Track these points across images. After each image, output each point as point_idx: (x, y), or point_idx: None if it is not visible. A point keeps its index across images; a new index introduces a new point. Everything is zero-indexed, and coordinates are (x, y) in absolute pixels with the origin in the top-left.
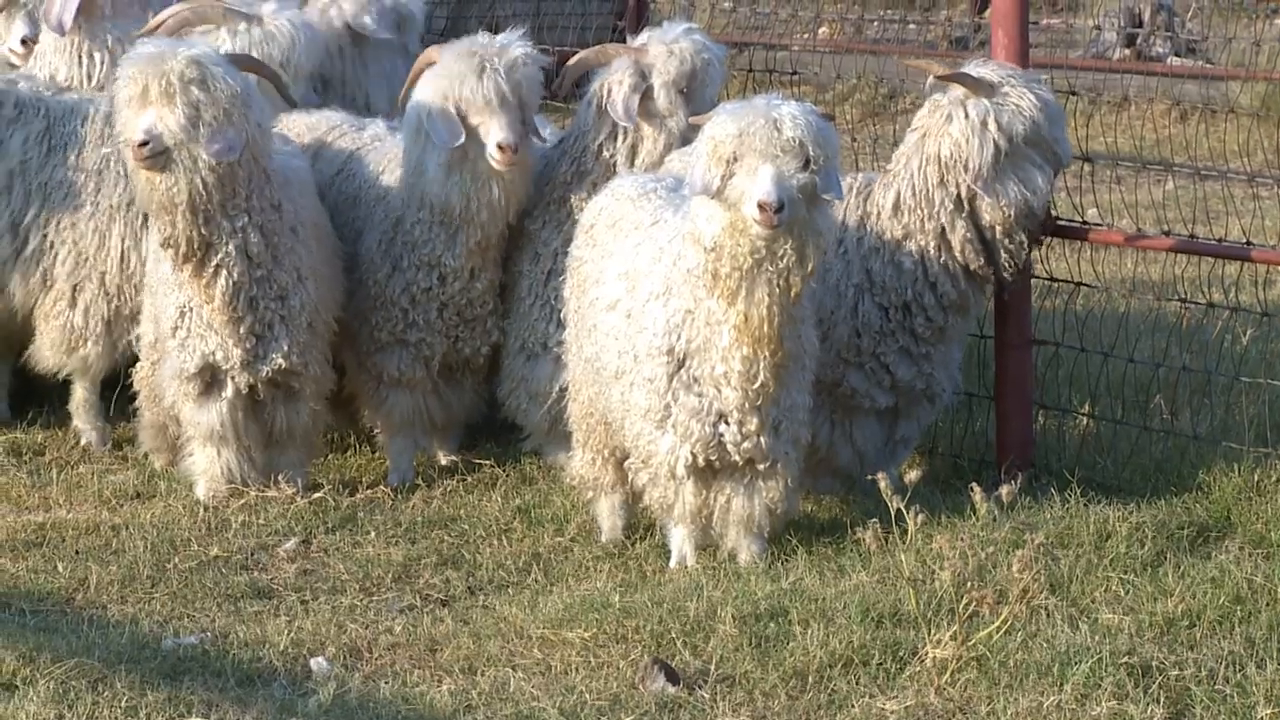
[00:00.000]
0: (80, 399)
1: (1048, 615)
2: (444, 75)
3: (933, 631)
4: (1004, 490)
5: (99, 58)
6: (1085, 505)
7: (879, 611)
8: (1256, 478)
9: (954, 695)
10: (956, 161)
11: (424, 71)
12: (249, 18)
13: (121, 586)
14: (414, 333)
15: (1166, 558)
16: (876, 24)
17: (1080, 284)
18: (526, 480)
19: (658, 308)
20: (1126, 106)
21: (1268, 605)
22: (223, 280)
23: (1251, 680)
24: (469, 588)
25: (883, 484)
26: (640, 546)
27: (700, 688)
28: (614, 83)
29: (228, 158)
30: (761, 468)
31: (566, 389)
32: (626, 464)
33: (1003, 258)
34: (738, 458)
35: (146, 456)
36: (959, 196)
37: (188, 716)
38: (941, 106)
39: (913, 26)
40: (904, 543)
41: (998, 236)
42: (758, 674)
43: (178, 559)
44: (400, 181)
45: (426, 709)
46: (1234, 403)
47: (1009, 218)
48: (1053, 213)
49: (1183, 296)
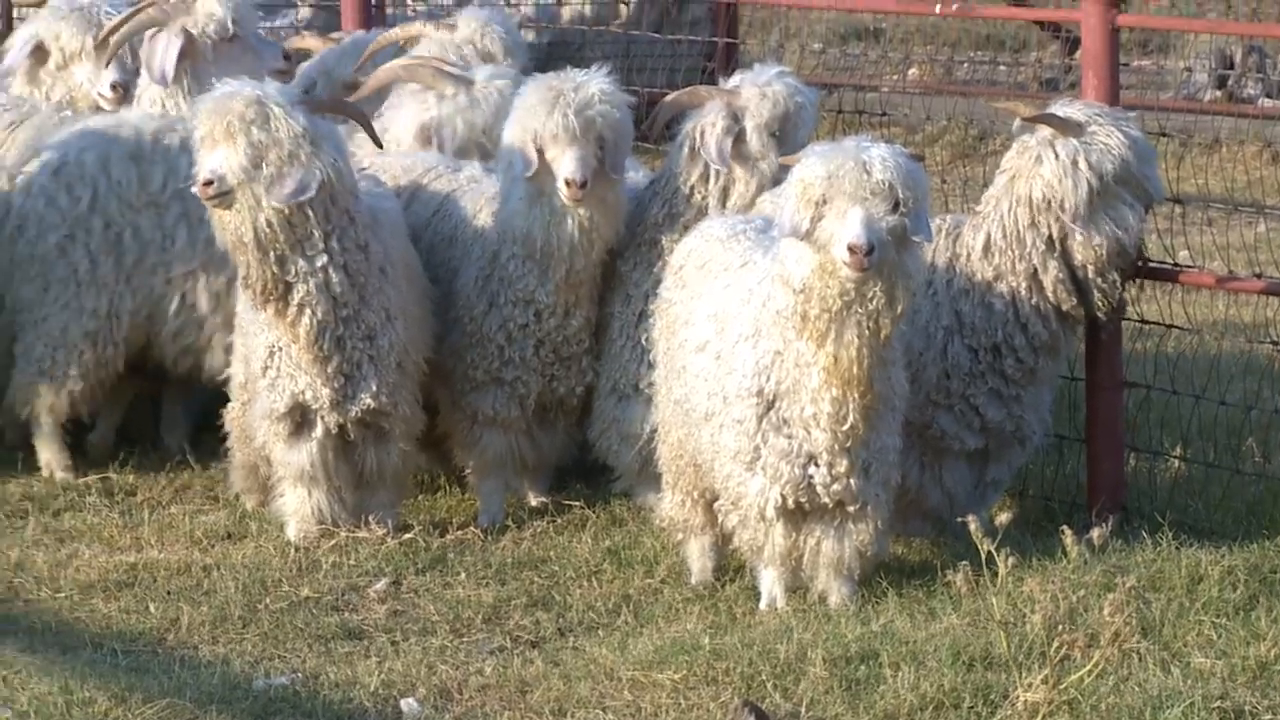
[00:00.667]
0: None
1: (1139, 659)
2: (524, 108)
3: (1024, 675)
4: (1095, 533)
5: None
6: (1177, 548)
7: (970, 655)
8: None
9: None
10: (1050, 202)
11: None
12: (460, 81)
13: (213, 627)
14: (510, 371)
15: (1259, 601)
16: (966, 65)
17: (1172, 326)
18: (617, 522)
19: (747, 349)
20: (1218, 148)
21: None
22: (306, 319)
23: None
24: (559, 629)
25: (973, 526)
26: (730, 588)
27: None
28: (707, 125)
29: (299, 198)
30: (851, 510)
31: (657, 430)
32: (716, 506)
33: (1096, 297)
34: (827, 500)
35: (238, 497)
36: (1050, 237)
37: None
38: (1030, 148)
39: (1003, 68)
40: (995, 586)
41: (1090, 275)
42: (848, 717)
43: (269, 599)
44: (495, 218)
45: None
46: None
47: (1101, 256)
48: (1144, 254)
49: (1275, 339)
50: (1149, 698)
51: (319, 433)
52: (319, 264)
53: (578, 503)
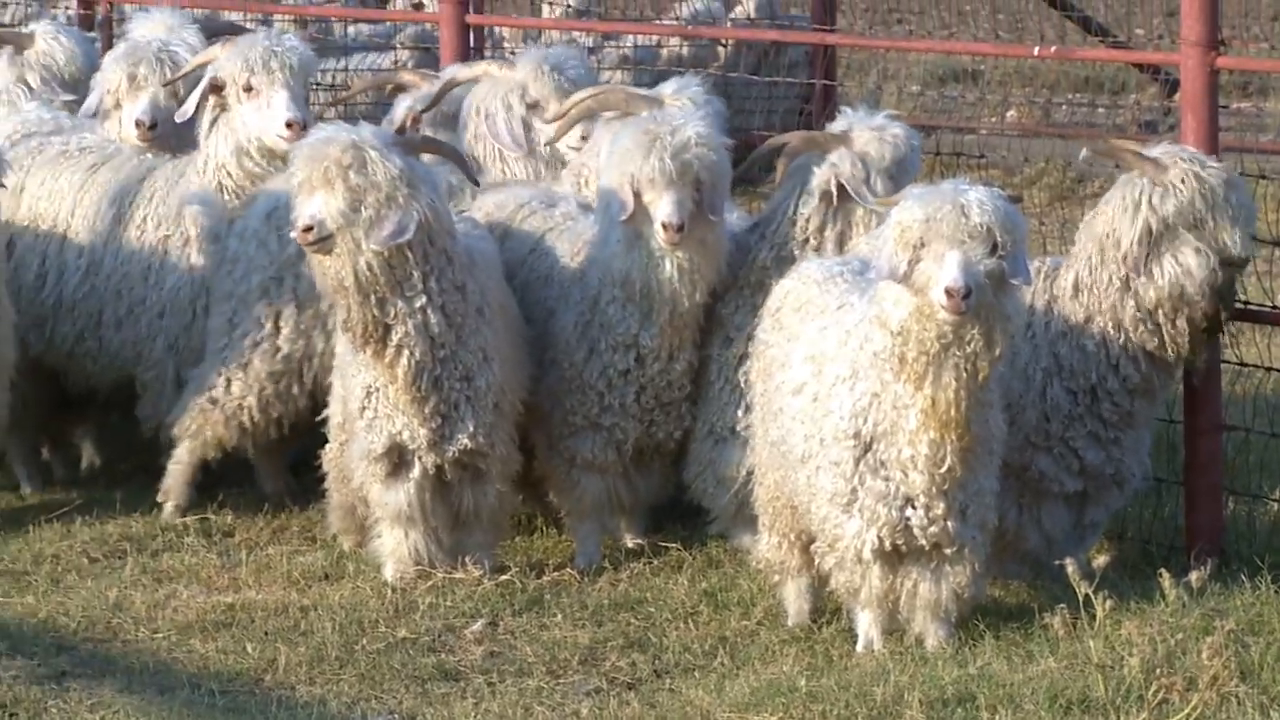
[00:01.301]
0: None
1: (1238, 703)
2: (621, 151)
3: (1122, 718)
4: (1194, 576)
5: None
6: (1276, 592)
7: (1067, 698)
8: None
9: None
10: (1111, 240)
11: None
12: (652, 101)
13: (310, 667)
14: (609, 417)
15: None
16: (1065, 107)
17: (1271, 369)
18: (713, 563)
19: (844, 391)
20: None
21: None
22: (405, 360)
23: None
24: (655, 671)
25: (1071, 569)
26: (827, 630)
27: None
28: (844, 171)
29: (398, 240)
30: (948, 552)
31: (752, 472)
32: (813, 548)
33: (1166, 341)
34: (924, 542)
35: (335, 538)
36: (1126, 276)
37: None
38: (1116, 186)
39: (1101, 110)
40: (1092, 628)
41: (1161, 319)
42: None
43: (366, 640)
44: (594, 260)
45: None
46: None
47: (1163, 299)
48: (1237, 297)
49: None
50: None
51: (416, 473)
52: (418, 305)
53: (674, 544)
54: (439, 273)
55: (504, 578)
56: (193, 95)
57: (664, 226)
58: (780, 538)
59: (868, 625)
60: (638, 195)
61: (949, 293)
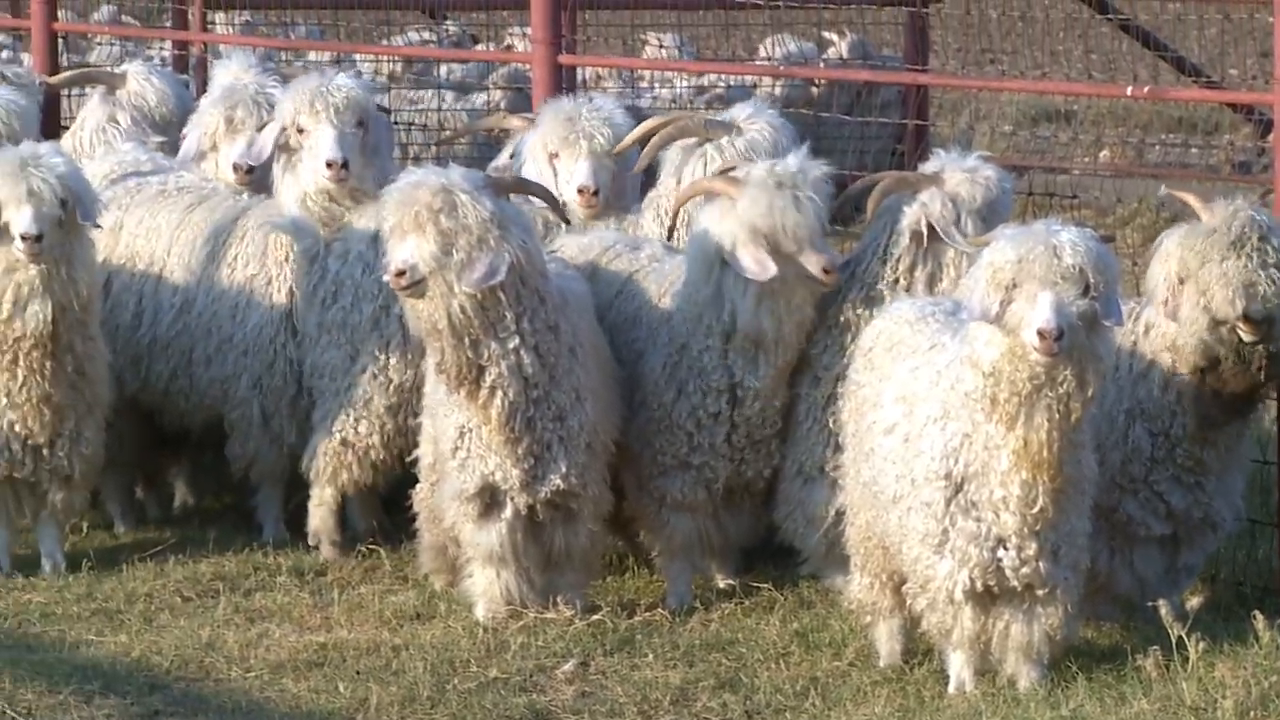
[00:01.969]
0: None
1: None
2: (752, 207)
3: None
4: None
5: None
6: None
7: None
8: None
9: None
10: (1164, 280)
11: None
12: (728, 127)
13: (401, 707)
14: (698, 456)
15: None
16: (1158, 148)
17: None
18: (805, 604)
19: (935, 431)
20: None
21: None
22: (498, 401)
23: None
24: (747, 712)
25: (1164, 611)
26: (919, 671)
27: None
28: (934, 211)
29: (490, 282)
30: (1040, 593)
31: (843, 512)
32: (904, 589)
33: (1212, 382)
34: (1016, 583)
35: (427, 577)
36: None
37: None
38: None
39: (1195, 151)
40: (1186, 671)
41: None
42: None
43: (457, 680)
44: (685, 306)
45: None
46: None
47: (1184, 344)
48: None
49: None
50: None
51: (508, 514)
52: (511, 346)
53: (766, 584)
54: (532, 313)
55: (595, 618)
56: (266, 138)
57: (826, 271)
58: (872, 578)
59: (960, 666)
60: (775, 248)
61: (1041, 334)
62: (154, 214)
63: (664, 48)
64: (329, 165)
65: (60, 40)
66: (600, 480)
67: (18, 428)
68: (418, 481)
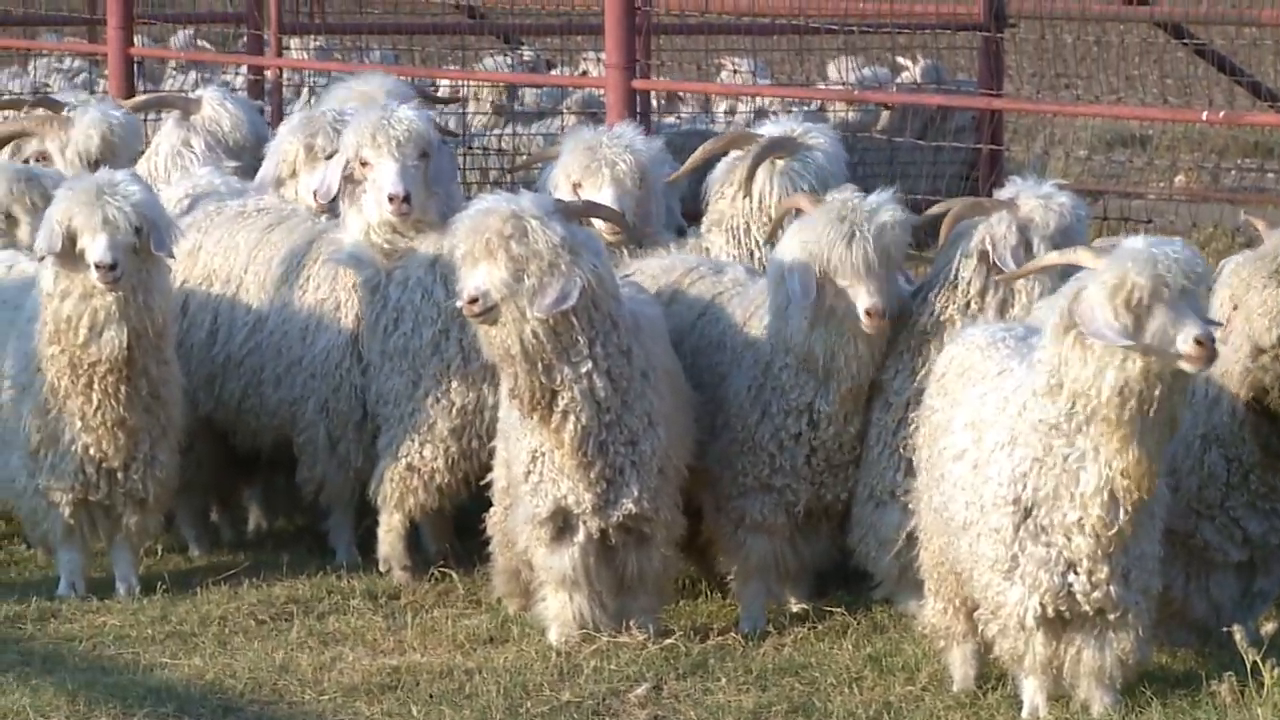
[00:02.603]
0: None
1: None
2: (813, 236)
3: None
4: None
5: None
6: None
7: None
8: None
9: None
10: (1213, 310)
11: (787, 215)
12: (787, 142)
13: None
14: (780, 478)
15: None
16: (1234, 173)
17: None
18: (878, 628)
19: (1003, 457)
20: None
21: None
22: (571, 425)
23: None
24: None
25: (1238, 636)
26: (992, 696)
27: None
28: (999, 236)
29: (562, 307)
30: (1112, 618)
31: (915, 536)
32: (976, 614)
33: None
34: (1087, 608)
35: (500, 601)
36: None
37: None
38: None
39: (1271, 175)
40: (1260, 696)
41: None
42: None
43: (530, 704)
44: (767, 328)
45: None
46: None
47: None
48: None
49: None
50: None
51: (581, 538)
52: (583, 370)
53: (839, 609)
54: (604, 337)
55: (668, 641)
56: (333, 173)
57: (868, 314)
58: (945, 603)
59: (1033, 692)
60: (829, 278)
61: (1199, 342)
62: (232, 234)
63: (738, 72)
64: (391, 199)
65: (136, 65)
66: (673, 504)
67: (92, 451)
68: (491, 506)
